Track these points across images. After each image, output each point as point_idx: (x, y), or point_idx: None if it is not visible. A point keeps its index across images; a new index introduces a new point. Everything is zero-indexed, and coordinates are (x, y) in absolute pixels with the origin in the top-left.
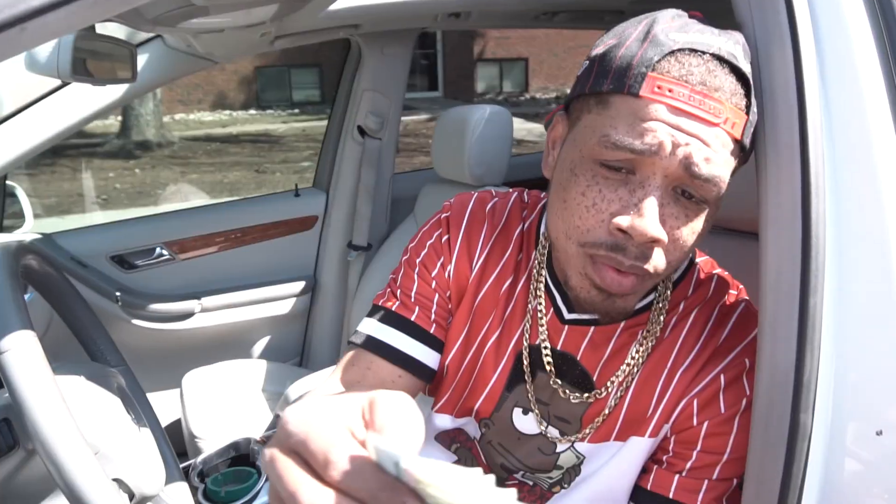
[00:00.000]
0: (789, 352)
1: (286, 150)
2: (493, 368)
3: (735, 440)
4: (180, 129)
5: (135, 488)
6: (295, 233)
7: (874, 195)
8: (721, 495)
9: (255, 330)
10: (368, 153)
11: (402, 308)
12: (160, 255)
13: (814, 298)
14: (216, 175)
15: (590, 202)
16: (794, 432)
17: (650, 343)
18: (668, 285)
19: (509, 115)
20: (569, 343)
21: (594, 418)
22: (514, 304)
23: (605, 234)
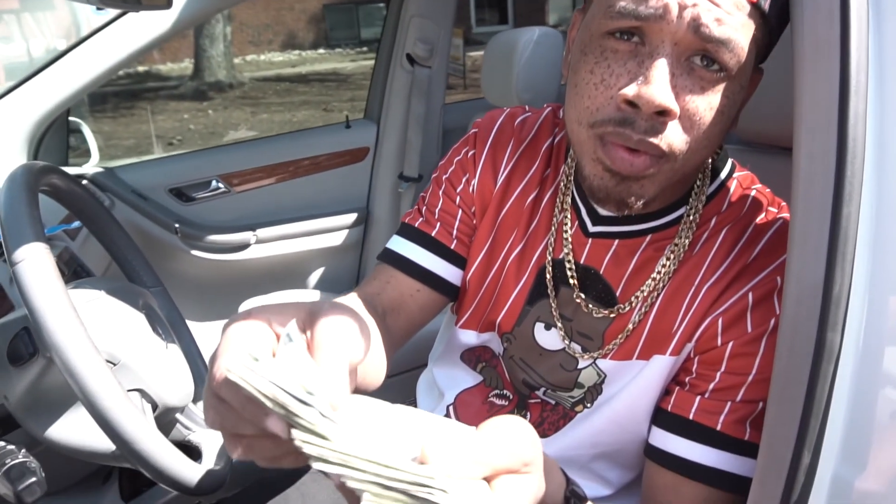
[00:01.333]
0: (818, 265)
1: (353, 88)
2: (515, 282)
3: (761, 361)
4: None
5: (157, 399)
6: (347, 164)
7: None
8: (744, 418)
9: (309, 261)
10: (418, 82)
11: (425, 224)
12: (216, 188)
13: (847, 208)
14: (285, 115)
15: (598, 79)
16: (820, 352)
17: (677, 258)
18: (702, 197)
19: (559, 35)
20: (592, 257)
21: (617, 335)
22: (538, 218)
23: (613, 109)
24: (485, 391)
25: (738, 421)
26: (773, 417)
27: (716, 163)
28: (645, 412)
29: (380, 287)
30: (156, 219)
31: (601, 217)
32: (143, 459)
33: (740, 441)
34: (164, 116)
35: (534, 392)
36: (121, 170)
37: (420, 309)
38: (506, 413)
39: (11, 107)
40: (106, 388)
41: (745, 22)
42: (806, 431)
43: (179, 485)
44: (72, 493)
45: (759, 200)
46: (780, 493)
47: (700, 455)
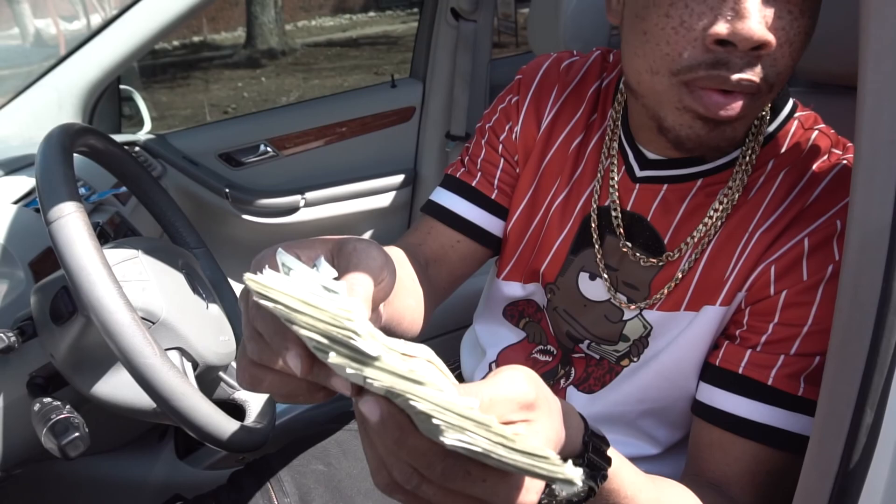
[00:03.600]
0: (885, 206)
1: (404, 50)
2: (558, 231)
3: (818, 311)
4: (302, 35)
5: (198, 357)
6: (393, 125)
7: None
8: (798, 372)
9: (357, 223)
10: (463, 37)
11: (466, 174)
12: (264, 152)
13: None
14: (336, 79)
15: (677, 22)
16: (886, 302)
17: (730, 204)
18: (759, 140)
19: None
20: (639, 203)
21: (664, 284)
22: (584, 165)
23: (701, 52)
24: (528, 348)
25: (791, 375)
26: (833, 372)
27: (776, 102)
28: (694, 366)
29: (421, 238)
30: (207, 184)
31: (649, 161)
32: (182, 416)
33: (793, 396)
34: (218, 85)
35: (577, 346)
36: (171, 136)
37: (461, 260)
38: (550, 369)
39: (63, 75)
40: (141, 345)
41: None
42: (869, 388)
43: (219, 441)
44: (129, 449)
45: (820, 142)
46: (840, 454)
47: (749, 411)
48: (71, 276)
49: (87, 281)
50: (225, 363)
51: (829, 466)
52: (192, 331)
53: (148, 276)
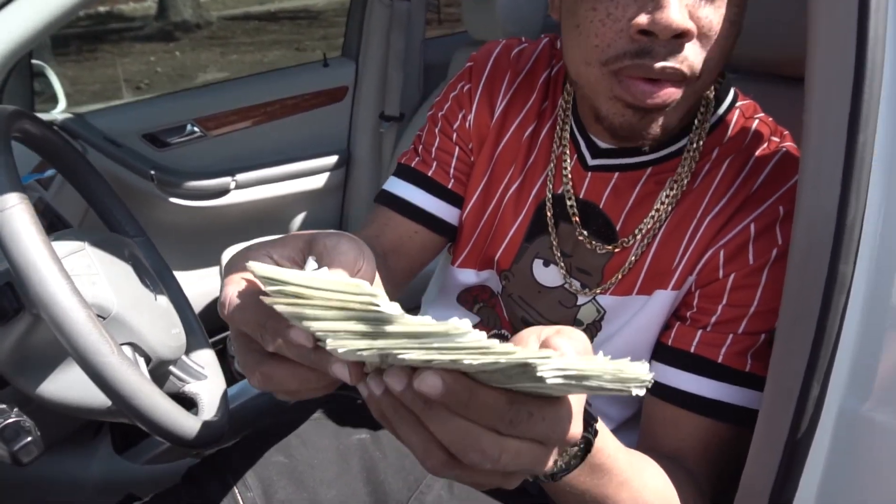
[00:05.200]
0: (832, 194)
1: (326, 25)
2: (513, 218)
3: (763, 292)
4: (218, 7)
5: (150, 352)
6: (326, 105)
7: None
8: (746, 349)
9: (291, 205)
10: (397, 17)
11: (421, 164)
12: (192, 132)
13: (864, 134)
14: (256, 55)
15: (603, 14)
16: (832, 284)
17: (679, 191)
18: (704, 129)
19: None
20: (592, 191)
21: (617, 270)
22: (536, 152)
23: (626, 42)
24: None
25: (740, 353)
26: (783, 350)
27: (718, 92)
28: (646, 348)
29: (378, 230)
30: (130, 166)
31: (600, 150)
32: (141, 414)
33: (741, 372)
34: (129, 59)
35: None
36: (92, 115)
37: (420, 250)
38: None
39: None
40: (98, 342)
41: None
42: (816, 364)
43: (179, 438)
44: (64, 448)
45: (761, 130)
46: (789, 425)
47: (700, 387)
48: (19, 272)
49: (38, 277)
50: (176, 356)
51: (779, 436)
52: (144, 325)
53: (97, 269)
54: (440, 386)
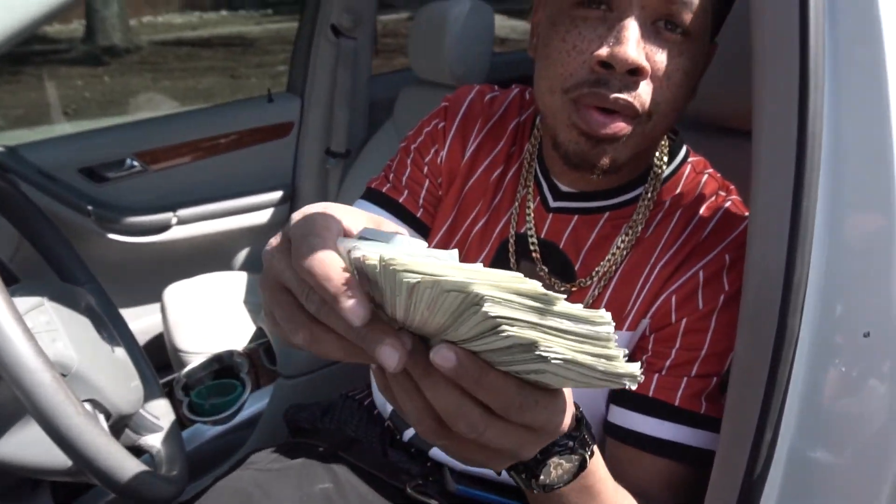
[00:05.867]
0: (780, 253)
1: (261, 53)
2: (477, 254)
3: (713, 336)
4: (148, 32)
5: (111, 408)
6: (270, 140)
7: (876, 88)
8: (699, 392)
9: (234, 241)
10: (343, 54)
11: (392, 190)
12: (131, 167)
13: (807, 200)
14: (189, 81)
15: (570, 46)
16: (782, 337)
17: (634, 237)
18: (659, 179)
19: (490, 9)
20: (553, 231)
21: None
22: (502, 193)
23: (587, 72)
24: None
25: (695, 395)
26: (737, 398)
27: (672, 146)
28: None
29: None
30: (67, 201)
31: (562, 193)
32: (107, 476)
33: (697, 414)
34: (54, 83)
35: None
36: (26, 148)
37: None
38: None
39: None
40: (63, 404)
41: None
42: (768, 410)
43: (146, 498)
44: None
45: (710, 185)
46: (744, 466)
47: (659, 429)
48: None
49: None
50: (135, 410)
51: (735, 477)
52: (103, 380)
53: (56, 325)
54: (453, 360)
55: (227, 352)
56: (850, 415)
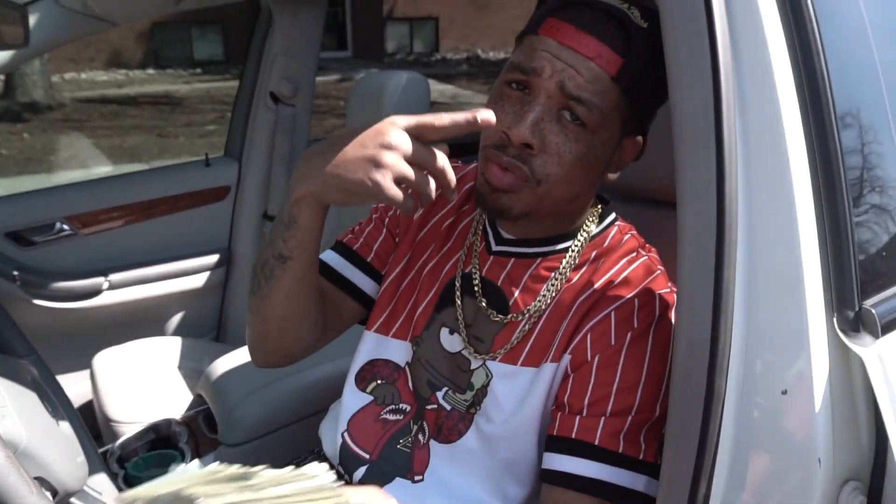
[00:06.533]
0: (706, 322)
1: (189, 112)
2: (426, 293)
3: (622, 371)
4: (71, 89)
5: (58, 485)
6: (207, 204)
7: (781, 174)
8: (617, 432)
9: (168, 306)
10: (282, 120)
11: (352, 239)
12: (61, 231)
13: (727, 271)
14: (114, 139)
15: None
16: (710, 396)
17: (561, 282)
18: (586, 237)
19: (426, 81)
20: (492, 271)
21: (506, 341)
22: (453, 240)
23: (496, 138)
24: (376, 410)
25: (612, 435)
26: (673, 453)
27: (603, 212)
28: (535, 419)
29: None
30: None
31: (503, 239)
32: None
33: (615, 453)
34: None
35: (434, 395)
36: None
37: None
38: (401, 427)
39: None
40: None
41: (605, 90)
42: (702, 464)
43: None
44: None
45: (631, 243)
46: None
47: (581, 468)
48: None
49: None
50: (80, 486)
51: None
52: (51, 456)
53: (5, 401)
54: None
55: (164, 421)
56: (773, 465)
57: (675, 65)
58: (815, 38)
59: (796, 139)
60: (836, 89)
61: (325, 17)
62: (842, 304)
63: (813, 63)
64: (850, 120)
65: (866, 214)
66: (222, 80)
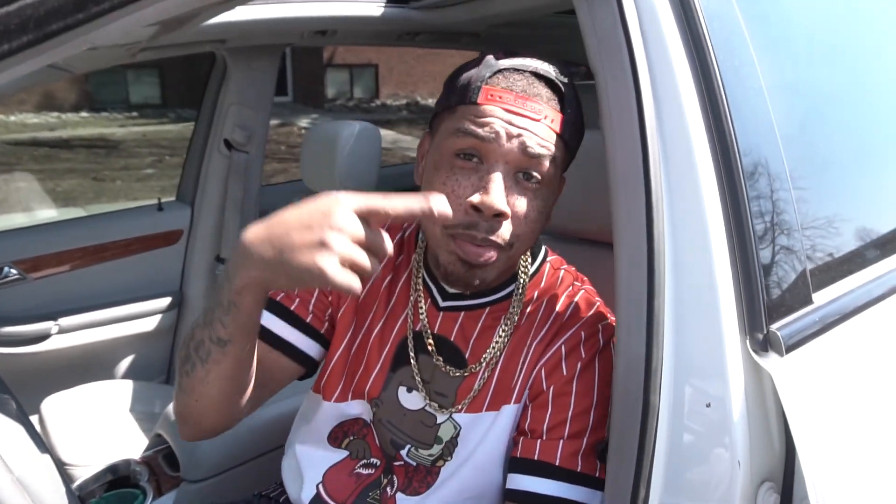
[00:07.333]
0: (640, 345)
1: (126, 156)
2: (378, 354)
3: (576, 398)
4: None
5: None
6: (159, 247)
7: (699, 214)
8: (575, 452)
9: (118, 349)
10: (235, 166)
11: (286, 298)
12: (7, 275)
13: (658, 300)
14: (48, 183)
15: (449, 190)
16: (647, 411)
17: (511, 325)
18: (527, 277)
19: (377, 130)
20: (444, 327)
21: (468, 391)
22: (396, 298)
23: (461, 215)
24: (351, 464)
25: (571, 455)
26: (616, 462)
27: (533, 249)
28: (501, 456)
29: None
30: None
31: (449, 294)
32: None
33: (574, 472)
34: None
35: (399, 453)
36: None
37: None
38: (372, 480)
39: None
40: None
41: (555, 144)
42: (640, 471)
43: None
44: None
45: (566, 278)
46: None
47: (543, 487)
48: None
49: None
50: None
51: None
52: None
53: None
54: None
55: (122, 461)
56: (701, 469)
57: (610, 128)
58: (725, 105)
59: (711, 188)
60: (741, 146)
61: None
62: (753, 327)
63: (722, 126)
64: (754, 171)
65: (770, 252)
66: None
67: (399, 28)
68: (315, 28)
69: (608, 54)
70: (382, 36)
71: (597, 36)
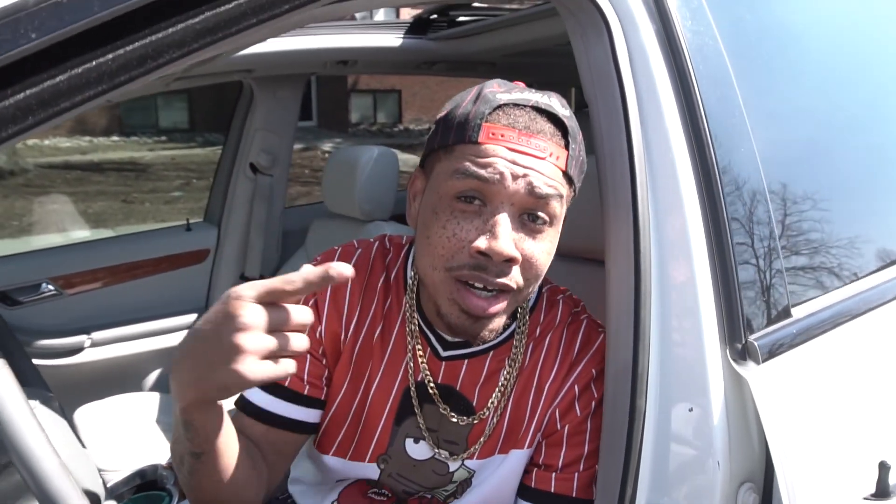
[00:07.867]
0: (627, 353)
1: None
2: (381, 408)
3: (591, 435)
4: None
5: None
6: (187, 265)
7: (682, 232)
8: (590, 483)
9: (147, 363)
10: (260, 189)
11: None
12: (44, 291)
13: (644, 311)
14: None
15: (450, 233)
16: (633, 414)
17: (516, 367)
18: (526, 313)
19: (395, 156)
20: (448, 376)
21: (479, 437)
22: (391, 348)
23: (466, 257)
24: (364, 487)
25: (586, 486)
26: (605, 461)
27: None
28: (510, 492)
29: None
30: None
31: (449, 343)
32: None
33: (590, 502)
34: None
35: (411, 497)
36: None
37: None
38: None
39: None
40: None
41: (560, 183)
42: (628, 470)
43: None
44: None
45: (566, 307)
46: None
47: None
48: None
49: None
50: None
51: None
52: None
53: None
54: None
55: (150, 466)
56: (684, 469)
57: (601, 153)
58: (707, 131)
59: (693, 209)
60: (722, 170)
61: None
62: (732, 338)
63: (705, 151)
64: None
65: (750, 268)
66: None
67: (417, 58)
68: (337, 58)
69: (601, 86)
70: (401, 65)
71: (591, 69)
